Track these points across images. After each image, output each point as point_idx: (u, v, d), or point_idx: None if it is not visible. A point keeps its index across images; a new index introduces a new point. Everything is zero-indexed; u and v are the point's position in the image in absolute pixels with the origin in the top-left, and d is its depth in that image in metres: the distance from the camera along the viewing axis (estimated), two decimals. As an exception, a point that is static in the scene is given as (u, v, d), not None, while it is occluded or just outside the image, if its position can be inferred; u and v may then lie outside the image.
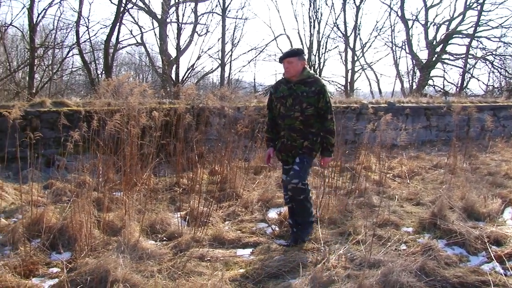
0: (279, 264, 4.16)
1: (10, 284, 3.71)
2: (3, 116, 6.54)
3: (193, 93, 8.13)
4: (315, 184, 6.79)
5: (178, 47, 21.02)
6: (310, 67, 22.63)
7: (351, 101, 11.97)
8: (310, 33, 24.59)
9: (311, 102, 4.63)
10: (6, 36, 18.09)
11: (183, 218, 5.56)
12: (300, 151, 4.73)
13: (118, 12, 16.76)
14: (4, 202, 6.18)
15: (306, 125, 4.69)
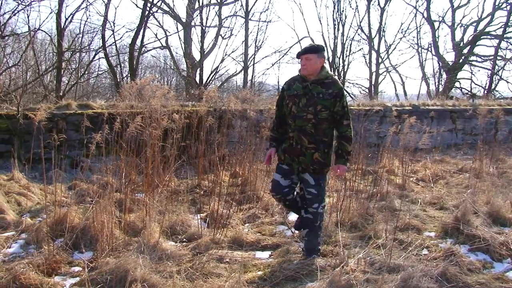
0: (298, 267, 4.15)
1: (34, 281, 3.80)
2: (30, 118, 6.72)
3: (215, 96, 8.17)
4: (336, 187, 6.75)
5: (202, 50, 21.18)
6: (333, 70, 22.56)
7: (375, 104, 11.87)
8: (334, 36, 24.44)
9: (327, 105, 4.25)
10: (35, 40, 18.47)
11: (203, 219, 5.59)
12: (312, 167, 4.33)
13: (143, 16, 16.96)
14: (30, 202, 6.34)
15: (318, 130, 4.29)
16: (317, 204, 4.37)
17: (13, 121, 8.01)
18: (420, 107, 12.01)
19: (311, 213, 4.41)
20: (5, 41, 16.60)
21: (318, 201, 4.38)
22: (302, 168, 4.38)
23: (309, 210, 4.42)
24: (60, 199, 5.63)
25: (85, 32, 18.68)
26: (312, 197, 4.38)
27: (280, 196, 4.58)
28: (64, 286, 3.92)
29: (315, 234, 4.46)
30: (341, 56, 24.56)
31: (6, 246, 4.77)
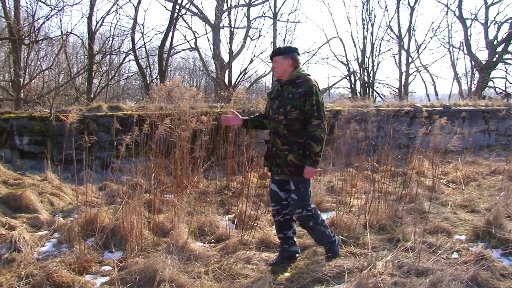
0: (325, 268, 4.13)
1: (66, 279, 3.89)
2: (62, 120, 6.86)
3: (244, 97, 8.20)
4: (365, 188, 6.69)
5: (231, 51, 21.25)
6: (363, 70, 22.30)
7: (404, 105, 11.73)
8: (363, 36, 24.17)
9: (296, 104, 4.14)
10: (67, 43, 18.86)
11: (231, 221, 5.62)
12: (287, 169, 4.20)
13: (172, 18, 17.13)
14: (62, 202, 6.48)
15: (290, 131, 4.17)
16: (300, 209, 4.23)
17: (46, 123, 8.21)
18: (452, 108, 11.82)
19: (298, 218, 4.36)
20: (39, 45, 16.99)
21: (301, 207, 4.22)
22: (281, 170, 4.26)
23: (294, 217, 4.38)
24: (91, 199, 5.74)
25: (116, 35, 18.99)
26: (293, 203, 4.25)
27: (278, 208, 4.43)
28: (94, 284, 3.99)
29: (315, 231, 4.41)
30: (370, 56, 24.30)
31: (40, 244, 4.89)
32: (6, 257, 4.45)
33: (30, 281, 3.94)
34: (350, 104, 11.60)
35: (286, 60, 4.26)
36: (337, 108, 10.38)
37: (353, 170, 7.72)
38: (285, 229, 4.49)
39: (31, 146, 8.20)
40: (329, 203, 6.36)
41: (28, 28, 15.22)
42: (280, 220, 4.46)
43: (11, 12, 15.71)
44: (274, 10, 22.18)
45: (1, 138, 7.95)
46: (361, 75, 23.93)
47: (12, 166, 7.62)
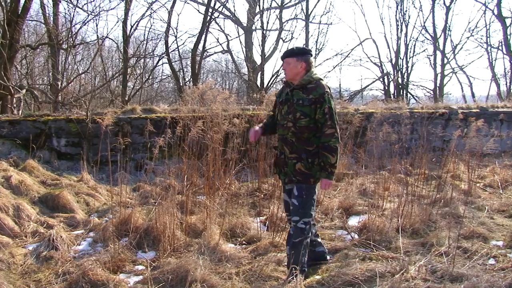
0: (356, 272, 4.08)
1: (101, 278, 3.98)
2: (98, 122, 7.01)
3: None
4: (398, 192, 6.61)
5: (263, 53, 21.28)
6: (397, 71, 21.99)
7: (439, 107, 11.51)
8: (397, 36, 23.86)
9: (306, 112, 3.88)
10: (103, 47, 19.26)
11: (263, 223, 5.64)
12: (294, 178, 3.98)
13: (205, 21, 17.30)
14: (98, 203, 6.62)
15: (299, 139, 3.94)
16: (297, 218, 3.95)
17: (83, 125, 8.40)
18: (489, 109, 11.53)
19: (292, 228, 4.03)
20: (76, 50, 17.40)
21: (299, 215, 3.94)
22: (288, 179, 4.05)
23: (291, 224, 4.09)
24: (125, 200, 5.84)
25: (149, 39, 19.33)
26: (293, 209, 4.00)
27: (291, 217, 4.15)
28: (128, 283, 4.07)
29: (295, 251, 3.96)
30: (404, 58, 23.95)
31: (76, 243, 5.02)
32: (45, 254, 4.60)
33: (66, 278, 4.06)
34: (383, 106, 11.48)
35: (300, 62, 3.98)
36: (370, 110, 10.28)
37: (386, 173, 7.64)
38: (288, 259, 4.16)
39: (68, 148, 8.40)
40: (361, 206, 6.30)
41: (66, 33, 15.61)
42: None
43: (50, 18, 16.16)
44: (306, 12, 22.16)
45: (40, 140, 8.18)
46: (395, 76, 23.62)
47: (50, 167, 7.83)
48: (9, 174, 6.53)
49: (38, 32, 19.20)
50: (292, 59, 3.99)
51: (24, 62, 17.94)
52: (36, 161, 7.54)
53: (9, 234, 5.11)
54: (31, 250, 4.79)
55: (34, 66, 19.42)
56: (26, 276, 4.21)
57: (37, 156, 7.80)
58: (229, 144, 6.76)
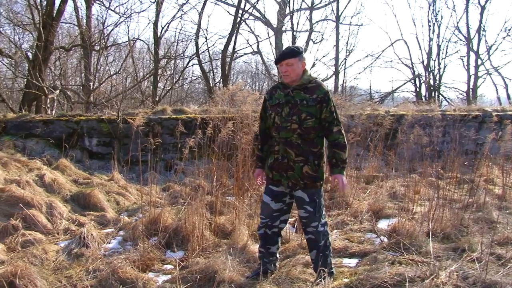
0: (385, 276, 4.01)
1: (130, 276, 4.02)
2: (129, 123, 7.11)
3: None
4: (429, 195, 6.49)
5: (293, 55, 21.20)
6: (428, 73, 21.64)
7: (473, 109, 11.28)
8: (429, 37, 23.42)
9: (312, 112, 3.77)
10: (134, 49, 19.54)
11: (291, 224, 5.61)
12: (302, 182, 3.83)
13: (235, 23, 17.40)
14: (128, 202, 6.72)
15: (305, 141, 3.82)
16: (316, 223, 3.87)
17: (114, 125, 8.53)
18: (525, 112, 11.22)
19: (312, 233, 3.91)
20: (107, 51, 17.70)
21: (317, 219, 3.86)
22: (293, 183, 3.87)
23: (308, 230, 3.93)
24: (155, 200, 5.90)
25: (180, 40, 19.53)
26: (309, 215, 3.87)
27: (267, 221, 4.02)
28: (157, 282, 4.10)
29: (323, 255, 3.95)
30: (436, 59, 23.50)
31: (106, 241, 5.10)
32: (76, 252, 4.68)
33: (97, 275, 4.12)
34: (415, 108, 11.32)
35: (301, 62, 3.83)
36: (401, 113, 10.15)
37: (416, 176, 7.52)
38: (270, 244, 4.11)
39: (99, 147, 8.55)
40: (390, 209, 6.21)
41: (98, 35, 15.90)
42: (267, 233, 4.06)
43: (83, 20, 16.49)
44: (336, 13, 22.03)
45: (72, 139, 8.34)
46: (427, 78, 23.22)
47: (82, 166, 7.98)
48: (43, 172, 6.68)
49: (71, 34, 19.63)
50: (294, 60, 3.80)
51: (58, 63, 18.34)
52: (69, 160, 7.70)
53: (42, 231, 5.23)
54: (63, 247, 4.88)
55: (67, 67, 19.83)
56: (58, 272, 4.29)
57: (69, 155, 7.96)
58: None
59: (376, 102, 16.15)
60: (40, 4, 13.38)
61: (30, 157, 7.42)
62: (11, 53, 15.75)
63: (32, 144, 8.08)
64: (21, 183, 6.03)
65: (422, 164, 7.66)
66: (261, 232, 4.08)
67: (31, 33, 15.92)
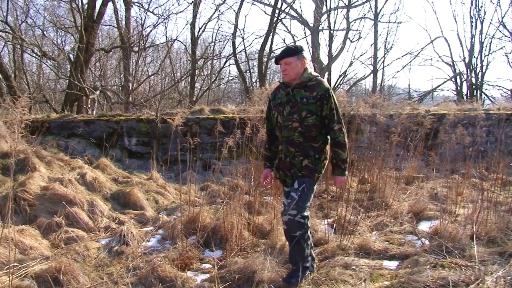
0: (427, 279, 3.90)
1: (169, 274, 4.05)
2: (168, 122, 7.18)
3: (344, 100, 8.09)
4: (472, 197, 6.30)
5: (330, 54, 21.07)
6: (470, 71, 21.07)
7: (518, 108, 10.91)
8: (471, 34, 22.76)
9: (312, 109, 3.78)
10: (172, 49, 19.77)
11: (330, 225, 5.54)
12: (300, 173, 3.85)
13: (272, 22, 17.38)
14: (166, 201, 6.78)
15: (306, 138, 3.83)
16: (294, 211, 3.72)
17: (152, 125, 8.64)
18: None
19: (288, 222, 3.79)
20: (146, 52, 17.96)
21: (297, 208, 3.73)
22: (293, 177, 3.90)
23: (284, 219, 3.83)
24: (193, 199, 5.94)
25: (217, 40, 19.64)
26: (291, 201, 3.78)
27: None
28: (195, 281, 4.10)
29: (297, 247, 3.85)
30: (478, 56, 22.81)
31: (146, 239, 5.15)
32: (116, 249, 4.75)
33: (137, 273, 4.17)
34: (456, 107, 11.04)
35: (300, 60, 3.85)
36: (442, 112, 9.92)
37: (459, 177, 7.32)
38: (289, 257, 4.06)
39: (138, 147, 8.67)
40: (432, 211, 6.06)
41: (137, 36, 16.15)
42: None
43: (122, 22, 16.80)
44: (375, 11, 21.71)
45: (112, 139, 8.49)
46: (468, 76, 22.60)
47: (121, 165, 8.11)
48: (84, 171, 6.82)
49: (111, 36, 20.03)
50: (292, 58, 3.83)
51: (98, 64, 18.75)
52: (109, 159, 7.84)
53: (84, 228, 5.33)
54: (103, 244, 4.97)
55: (107, 68, 20.23)
56: (99, 269, 4.36)
57: (109, 154, 8.11)
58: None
59: (415, 101, 15.81)
60: (82, 7, 13.70)
61: (72, 156, 7.58)
62: (54, 55, 16.18)
63: (74, 143, 8.26)
64: (64, 182, 6.17)
65: (464, 165, 7.46)
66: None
67: (73, 36, 16.34)
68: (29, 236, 4.81)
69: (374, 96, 9.33)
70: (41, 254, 4.49)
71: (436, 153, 8.21)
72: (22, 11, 14.99)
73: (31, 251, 4.51)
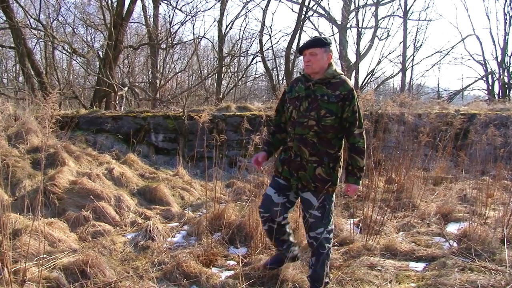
0: (455, 283, 3.83)
1: (194, 270, 4.08)
2: (194, 119, 7.22)
3: (372, 99, 8.01)
4: (503, 199, 6.16)
5: (358, 52, 20.87)
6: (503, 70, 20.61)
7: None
8: (505, 32, 22.07)
9: (332, 109, 3.47)
10: (199, 47, 19.88)
11: (355, 225, 5.49)
12: (313, 184, 3.57)
13: (299, 20, 17.29)
14: (192, 197, 6.82)
15: (322, 140, 3.53)
16: (321, 229, 3.60)
17: (179, 121, 8.69)
18: None
19: (314, 239, 3.65)
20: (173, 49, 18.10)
21: (323, 225, 3.60)
22: (302, 185, 3.63)
23: (311, 235, 3.68)
24: (219, 196, 5.95)
25: (244, 38, 19.64)
26: (315, 221, 3.60)
27: (268, 215, 3.82)
28: (220, 277, 4.12)
29: (322, 263, 3.67)
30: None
31: (171, 235, 5.19)
32: (142, 244, 4.80)
33: (162, 268, 4.20)
34: (487, 107, 10.81)
35: (327, 53, 3.55)
36: (473, 112, 9.72)
37: (489, 178, 7.16)
38: (279, 234, 3.93)
39: (165, 143, 8.74)
40: (461, 213, 5.95)
41: (165, 33, 16.28)
42: (272, 226, 3.87)
43: (150, 19, 16.96)
44: (404, 9, 21.41)
45: (140, 135, 8.57)
46: (501, 75, 22.06)
47: (148, 161, 8.19)
48: (112, 166, 6.90)
49: (139, 33, 20.22)
50: (319, 50, 3.52)
51: (126, 61, 18.95)
52: (136, 155, 7.92)
53: (111, 222, 5.40)
54: (129, 238, 5.02)
55: (135, 65, 20.44)
56: (125, 263, 4.41)
57: (136, 150, 8.19)
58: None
59: (445, 101, 15.54)
60: (111, 5, 13.87)
61: (100, 151, 7.69)
62: (84, 52, 16.44)
63: (102, 139, 8.37)
64: (92, 176, 6.25)
65: (495, 166, 7.29)
66: (266, 228, 3.91)
67: (102, 33, 16.57)
68: (57, 229, 4.90)
69: (403, 95, 9.20)
70: (69, 246, 4.56)
71: (465, 154, 8.05)
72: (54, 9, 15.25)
73: (60, 243, 4.59)
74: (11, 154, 6.35)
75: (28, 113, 7.71)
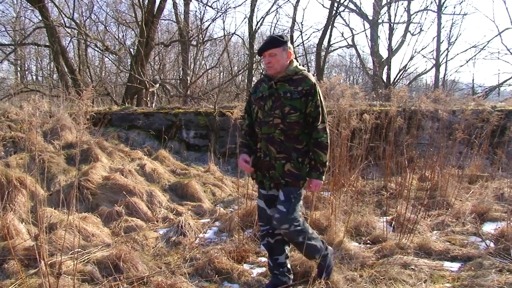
0: (493, 284, 3.72)
1: (225, 266, 4.10)
2: (225, 116, 7.22)
3: (405, 96, 7.88)
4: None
5: (390, 47, 20.58)
6: None
7: None
8: (544, 27, 21.56)
9: (296, 105, 3.46)
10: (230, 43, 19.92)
11: (388, 223, 5.41)
12: (283, 180, 3.53)
13: (330, 16, 17.17)
14: (223, 193, 6.83)
15: (288, 137, 3.51)
16: (287, 225, 3.45)
17: (210, 118, 8.72)
18: None
19: (284, 235, 3.55)
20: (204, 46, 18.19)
21: (288, 221, 3.45)
22: (275, 184, 3.59)
23: (276, 232, 3.63)
24: (250, 192, 5.93)
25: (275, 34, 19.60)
26: (279, 217, 3.48)
27: (268, 228, 3.71)
28: (251, 274, 4.12)
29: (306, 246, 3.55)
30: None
31: (202, 231, 5.21)
32: (174, 240, 4.84)
33: (193, 264, 4.23)
34: (526, 103, 10.49)
35: (286, 52, 3.53)
36: (510, 108, 9.45)
37: (527, 177, 6.96)
38: (276, 254, 3.76)
39: (196, 139, 8.78)
40: (498, 212, 5.79)
41: (196, 30, 16.37)
42: (270, 242, 3.74)
43: (181, 16, 17.09)
44: (438, 3, 20.96)
45: (171, 131, 8.64)
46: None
47: (179, 157, 8.25)
48: (144, 162, 6.97)
49: (170, 30, 20.40)
50: (278, 49, 3.49)
51: (157, 58, 19.14)
52: (167, 151, 7.99)
53: (143, 218, 5.46)
54: (161, 234, 5.06)
55: (166, 62, 20.64)
56: (157, 258, 4.45)
57: (168, 146, 8.26)
58: (354, 140, 6.58)
59: (480, 97, 15.16)
60: (143, 2, 14.02)
61: (132, 148, 7.78)
62: (115, 49, 16.68)
63: (134, 135, 8.47)
64: (124, 172, 6.33)
65: (534, 164, 7.08)
66: (264, 243, 3.81)
67: (134, 31, 16.80)
68: (91, 223, 4.98)
69: (437, 91, 9.00)
70: (102, 241, 4.63)
71: (502, 151, 7.84)
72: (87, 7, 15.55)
73: (93, 238, 4.67)
74: (47, 150, 6.48)
75: (63, 109, 7.87)
